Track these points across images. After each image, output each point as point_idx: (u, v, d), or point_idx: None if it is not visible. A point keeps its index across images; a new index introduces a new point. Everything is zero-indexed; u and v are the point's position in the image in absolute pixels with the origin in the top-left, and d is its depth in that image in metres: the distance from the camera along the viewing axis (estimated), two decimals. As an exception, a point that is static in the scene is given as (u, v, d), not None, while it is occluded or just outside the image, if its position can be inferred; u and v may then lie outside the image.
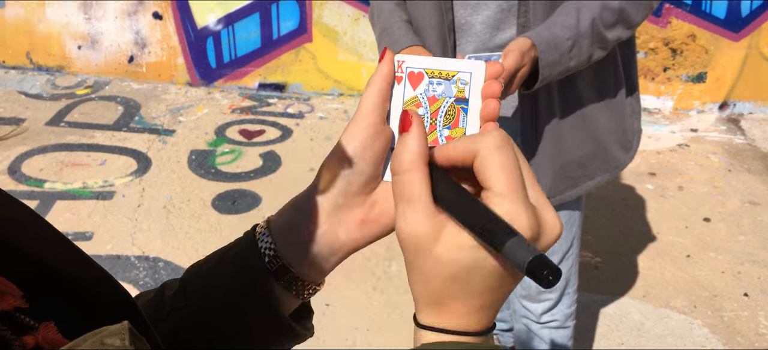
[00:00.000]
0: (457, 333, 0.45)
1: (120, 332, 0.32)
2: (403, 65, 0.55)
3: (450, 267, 0.43)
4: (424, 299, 0.46)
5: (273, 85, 4.30)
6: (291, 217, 0.55)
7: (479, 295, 0.44)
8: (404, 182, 0.46)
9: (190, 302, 0.55)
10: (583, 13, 1.24)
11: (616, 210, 2.96)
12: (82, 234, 2.80)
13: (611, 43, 1.29)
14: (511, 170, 0.43)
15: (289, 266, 0.54)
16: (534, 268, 0.38)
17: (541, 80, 1.22)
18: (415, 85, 0.55)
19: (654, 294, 2.46)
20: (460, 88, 0.54)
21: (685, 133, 3.72)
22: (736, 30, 3.79)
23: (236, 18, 4.17)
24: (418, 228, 0.44)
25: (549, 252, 1.54)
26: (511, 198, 0.42)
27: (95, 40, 4.36)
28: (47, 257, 0.39)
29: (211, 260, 0.57)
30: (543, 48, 1.19)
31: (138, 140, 3.64)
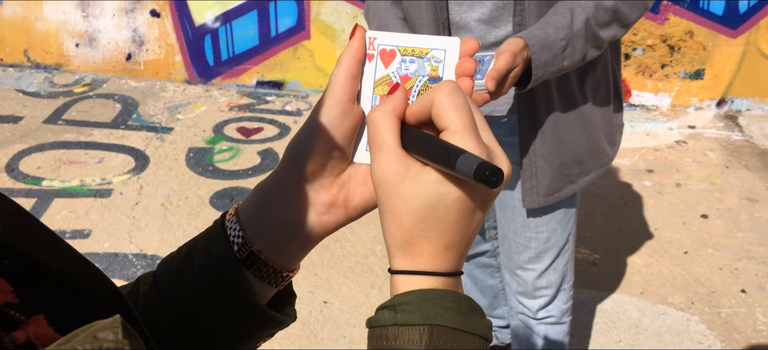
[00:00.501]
0: (426, 273, 0.46)
1: (112, 326, 0.32)
2: (375, 42, 0.53)
3: (415, 202, 0.45)
4: (395, 241, 0.47)
5: (271, 83, 4.29)
6: (257, 203, 0.54)
7: (445, 231, 0.46)
8: (376, 129, 0.48)
9: (164, 297, 0.54)
10: (577, 13, 1.24)
11: (613, 208, 2.97)
12: (80, 232, 2.80)
13: (606, 41, 1.29)
14: (463, 111, 0.46)
15: (258, 253, 0.53)
16: (481, 173, 0.41)
17: (535, 80, 1.22)
18: (387, 63, 0.53)
19: (652, 290, 2.46)
20: (433, 66, 0.52)
21: (682, 129, 3.72)
22: (734, 27, 3.79)
23: (234, 16, 4.17)
24: (386, 168, 0.46)
25: (544, 251, 1.55)
26: (464, 134, 0.45)
27: (93, 37, 4.36)
28: (36, 252, 0.39)
29: (182, 252, 0.56)
30: (536, 48, 1.19)
31: (136, 138, 3.63)
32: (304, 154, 0.52)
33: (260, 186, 0.54)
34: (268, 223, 0.53)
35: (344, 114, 0.52)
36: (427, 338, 0.44)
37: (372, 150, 0.48)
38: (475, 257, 1.87)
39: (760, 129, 3.72)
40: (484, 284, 1.92)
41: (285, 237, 0.53)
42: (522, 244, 1.55)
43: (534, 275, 1.58)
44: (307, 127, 0.52)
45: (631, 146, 3.49)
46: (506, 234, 1.59)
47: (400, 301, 0.45)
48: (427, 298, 0.45)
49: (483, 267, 1.90)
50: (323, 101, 0.52)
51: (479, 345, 0.45)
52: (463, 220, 0.46)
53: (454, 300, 0.45)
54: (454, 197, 0.45)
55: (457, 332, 0.44)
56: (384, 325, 0.45)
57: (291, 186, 0.53)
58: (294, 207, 0.53)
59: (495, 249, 1.87)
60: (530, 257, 1.56)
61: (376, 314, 0.47)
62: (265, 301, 0.56)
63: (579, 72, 1.37)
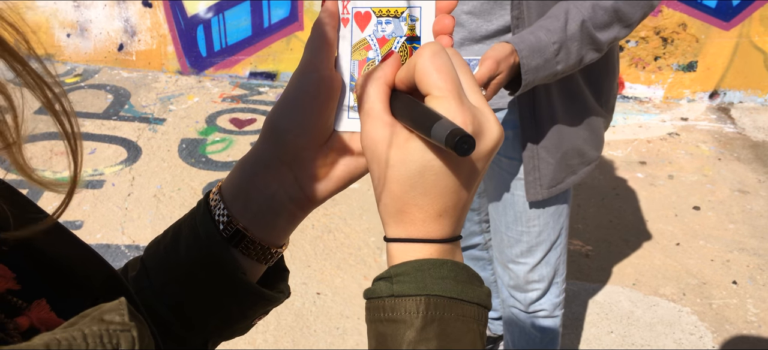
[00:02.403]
0: (420, 241, 0.45)
1: (118, 308, 0.32)
2: (349, 5, 0.51)
3: (403, 169, 0.44)
4: (387, 209, 0.46)
5: (264, 74, 4.28)
6: (239, 180, 0.53)
7: (435, 198, 0.45)
8: (365, 96, 0.47)
9: (154, 282, 0.53)
10: (572, 15, 1.21)
11: (606, 199, 2.98)
12: (72, 224, 2.78)
13: (606, 43, 1.26)
14: (446, 73, 0.44)
15: (244, 231, 0.52)
16: (450, 140, 0.40)
17: (525, 85, 1.20)
18: (362, 26, 0.51)
19: (643, 282, 2.47)
20: (410, 25, 0.51)
21: (675, 121, 3.73)
22: (727, 19, 3.80)
23: (227, 6, 4.14)
24: (374, 135, 0.45)
25: (536, 245, 1.55)
26: (446, 97, 0.43)
27: (84, 28, 4.32)
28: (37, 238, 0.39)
29: (168, 236, 0.55)
30: (526, 53, 1.17)
31: (128, 129, 3.61)
32: (283, 126, 0.51)
33: (242, 162, 0.53)
34: (252, 200, 0.52)
35: (322, 82, 0.50)
36: (424, 308, 0.43)
37: (361, 117, 0.47)
38: (467, 249, 1.88)
39: (752, 121, 3.73)
40: (477, 276, 1.92)
41: (270, 212, 0.52)
42: (514, 238, 1.56)
43: (526, 269, 1.58)
44: (284, 98, 0.51)
45: (623, 138, 3.50)
46: (498, 227, 1.59)
47: (396, 272, 0.45)
48: (422, 268, 0.44)
49: (474, 259, 1.90)
50: (300, 71, 0.51)
51: (477, 314, 0.44)
52: (454, 185, 0.45)
53: (451, 269, 0.45)
54: (441, 163, 0.44)
55: (454, 301, 0.44)
56: (380, 296, 0.45)
57: (272, 161, 0.51)
58: (277, 181, 0.52)
59: (486, 242, 1.87)
60: (522, 251, 1.56)
61: (372, 285, 0.46)
62: (256, 279, 0.55)
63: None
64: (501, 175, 1.51)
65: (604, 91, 1.45)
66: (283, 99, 0.51)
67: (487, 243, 1.87)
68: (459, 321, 0.43)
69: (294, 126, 0.50)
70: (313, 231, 2.74)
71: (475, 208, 1.77)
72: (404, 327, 0.43)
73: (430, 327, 0.43)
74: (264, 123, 0.52)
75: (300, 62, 0.51)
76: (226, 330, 0.55)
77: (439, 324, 0.43)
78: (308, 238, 2.69)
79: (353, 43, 0.52)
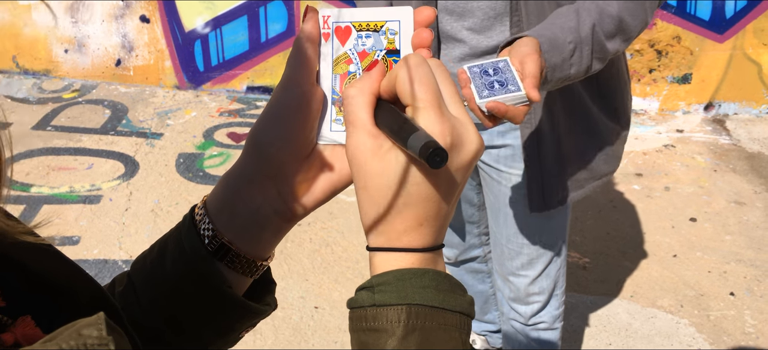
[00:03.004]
0: (401, 250, 0.46)
1: (96, 323, 0.32)
2: (329, 20, 0.52)
3: (385, 178, 0.45)
4: (369, 218, 0.47)
5: (261, 88, 4.29)
6: (224, 194, 0.53)
7: (417, 208, 0.45)
8: (350, 106, 0.47)
9: (140, 297, 0.53)
10: (583, 17, 1.16)
11: (603, 211, 2.98)
12: (69, 239, 2.78)
13: (610, 54, 1.22)
14: (426, 85, 0.44)
15: (229, 245, 0.52)
16: (424, 152, 0.41)
17: (548, 85, 1.13)
18: (343, 40, 0.52)
19: (641, 294, 2.48)
20: (390, 38, 0.51)
21: (671, 133, 3.75)
22: (721, 31, 3.83)
23: (224, 21, 4.16)
24: (358, 145, 0.46)
25: (537, 257, 1.55)
26: (427, 109, 0.44)
27: (82, 43, 4.34)
28: (18, 254, 0.39)
29: (154, 251, 0.55)
30: (546, 47, 1.08)
31: (125, 144, 3.62)
32: (265, 140, 0.51)
33: (226, 176, 0.53)
34: (237, 214, 0.52)
35: (303, 97, 0.51)
36: (405, 317, 0.43)
37: (346, 127, 0.47)
38: (466, 262, 1.88)
39: (747, 133, 3.75)
40: (475, 289, 1.93)
41: (255, 226, 0.53)
42: (514, 250, 1.56)
43: (526, 281, 1.58)
44: (267, 113, 0.52)
45: (620, 150, 3.51)
46: (498, 240, 1.59)
47: (377, 282, 0.45)
48: (404, 277, 0.45)
49: (473, 272, 1.91)
50: (282, 85, 0.51)
51: (460, 322, 0.44)
52: (434, 196, 0.45)
53: (433, 278, 0.45)
54: (420, 174, 0.44)
55: (435, 310, 0.44)
56: (362, 306, 0.45)
57: (255, 175, 0.52)
58: (261, 195, 0.52)
59: (486, 255, 1.87)
60: (523, 263, 1.57)
61: (355, 295, 0.46)
62: (242, 291, 0.55)
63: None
64: (501, 187, 1.52)
65: (615, 103, 1.42)
66: (265, 113, 0.52)
67: (487, 256, 1.87)
68: (441, 330, 0.44)
69: (277, 140, 0.51)
70: (311, 245, 2.74)
71: (474, 221, 1.77)
72: (386, 336, 0.43)
73: (412, 336, 0.43)
74: (247, 137, 0.52)
75: (282, 77, 0.52)
76: (213, 342, 0.56)
77: (420, 333, 0.43)
78: (306, 252, 2.69)
79: (334, 57, 0.53)
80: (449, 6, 1.32)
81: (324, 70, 0.53)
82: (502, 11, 1.31)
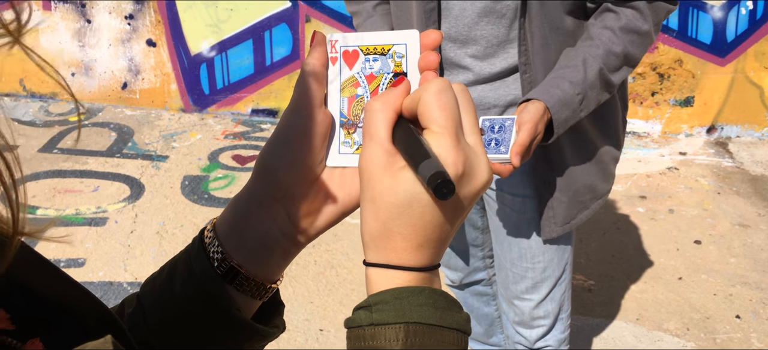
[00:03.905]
0: (400, 268, 0.46)
1: (104, 345, 0.32)
2: (337, 45, 0.53)
3: (393, 196, 0.45)
4: (371, 232, 0.47)
5: (266, 111, 4.32)
6: (233, 217, 0.53)
7: (421, 229, 0.45)
8: (370, 120, 0.47)
9: (149, 319, 0.53)
10: (590, 64, 1.25)
11: (608, 234, 2.98)
12: (74, 261, 2.78)
13: (617, 85, 1.31)
14: (447, 111, 0.45)
15: (238, 268, 0.52)
16: (432, 181, 0.41)
17: (555, 137, 1.25)
18: (351, 64, 0.53)
19: (647, 316, 2.47)
20: (396, 61, 0.52)
21: (674, 156, 3.76)
22: (722, 55, 3.86)
23: (229, 44, 4.21)
24: (372, 159, 0.46)
25: (541, 281, 1.55)
26: (442, 135, 0.44)
27: (89, 67, 4.38)
28: (26, 276, 0.39)
29: (163, 273, 0.55)
30: (556, 108, 1.21)
31: (131, 166, 3.64)
32: (275, 164, 0.52)
33: (235, 199, 0.54)
34: (246, 237, 0.52)
35: (312, 120, 0.51)
36: (403, 336, 0.43)
37: (364, 138, 0.48)
38: (471, 285, 1.88)
39: (750, 155, 3.76)
40: (480, 312, 1.93)
41: (264, 249, 0.53)
42: (519, 274, 1.56)
43: (531, 305, 1.59)
44: (276, 136, 0.52)
45: (623, 173, 3.52)
46: (503, 263, 1.59)
47: (375, 300, 0.45)
48: (401, 296, 0.45)
49: (478, 295, 1.91)
50: (291, 108, 0.52)
51: (456, 339, 0.45)
52: (439, 220, 0.46)
53: (430, 296, 0.45)
54: (429, 197, 0.45)
55: (433, 328, 0.44)
56: (360, 325, 0.45)
57: (265, 199, 0.52)
58: (270, 218, 0.52)
59: (490, 278, 1.87)
60: (527, 287, 1.57)
61: (352, 315, 0.47)
62: (251, 314, 0.55)
63: None
64: (506, 211, 1.53)
65: (611, 125, 1.47)
66: (274, 137, 0.52)
67: (491, 279, 1.87)
68: (438, 347, 0.44)
69: (285, 163, 0.51)
70: (316, 267, 2.74)
71: (478, 244, 1.78)
72: None
73: None
74: (256, 161, 0.53)
75: (290, 100, 0.52)
76: None
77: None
78: (311, 274, 2.69)
79: (342, 81, 0.53)
80: (452, 33, 1.35)
81: (332, 93, 0.53)
82: (505, 39, 1.33)
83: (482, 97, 1.39)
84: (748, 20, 3.79)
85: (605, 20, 1.30)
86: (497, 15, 1.31)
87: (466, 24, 1.33)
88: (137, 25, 4.24)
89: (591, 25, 1.32)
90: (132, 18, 4.23)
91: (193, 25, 4.18)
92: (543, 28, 1.28)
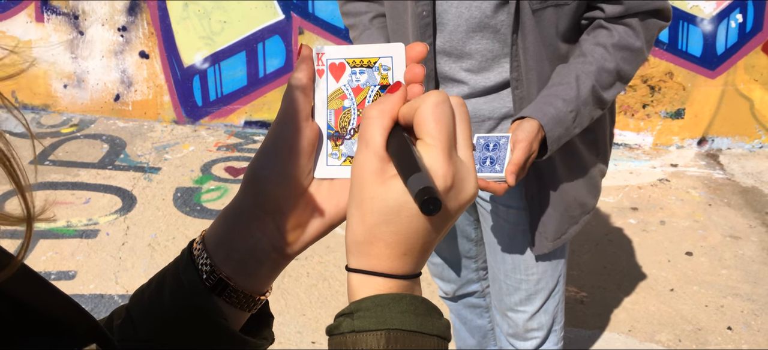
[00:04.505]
0: (382, 275, 0.46)
1: None
2: (324, 57, 0.54)
3: (381, 203, 0.45)
4: (355, 237, 0.47)
5: (259, 123, 4.32)
6: (222, 229, 0.54)
7: (406, 238, 0.46)
8: (366, 126, 0.48)
9: (138, 331, 0.54)
10: (583, 81, 1.26)
11: (599, 245, 2.99)
12: (65, 274, 2.77)
13: (610, 101, 1.33)
14: (443, 125, 0.46)
15: (227, 280, 0.52)
16: (419, 196, 0.41)
17: (549, 154, 1.26)
18: (337, 76, 0.54)
19: (639, 328, 2.47)
20: (383, 74, 0.53)
21: (665, 168, 3.78)
22: (712, 67, 3.89)
23: (223, 56, 4.21)
24: (365, 164, 0.46)
25: (535, 293, 1.56)
26: (434, 148, 0.45)
27: (81, 78, 4.37)
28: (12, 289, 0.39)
29: (152, 285, 0.55)
30: (550, 126, 1.23)
31: (123, 178, 3.62)
32: (263, 176, 0.52)
33: (225, 212, 0.54)
34: (235, 249, 0.53)
35: (299, 132, 0.52)
36: (385, 342, 0.44)
37: (359, 143, 0.48)
38: (464, 297, 1.88)
39: (740, 167, 3.79)
40: (473, 324, 1.93)
41: (253, 261, 0.53)
42: (513, 286, 1.57)
43: (525, 317, 1.59)
44: (264, 149, 0.52)
45: (615, 184, 3.54)
46: (497, 275, 1.60)
47: (356, 307, 0.46)
48: (382, 303, 0.45)
49: (471, 307, 1.91)
50: (278, 121, 0.52)
51: (437, 345, 0.45)
52: (424, 230, 0.46)
53: (410, 303, 0.46)
54: (417, 207, 0.45)
55: (414, 334, 0.45)
56: (343, 332, 0.45)
57: (254, 211, 0.53)
58: (259, 231, 0.53)
59: (484, 290, 1.88)
60: (521, 299, 1.57)
61: (334, 321, 0.47)
62: (240, 326, 0.55)
63: None
64: (500, 223, 1.53)
65: (600, 140, 1.48)
66: (262, 150, 0.53)
67: (485, 291, 1.87)
68: None
69: (274, 175, 0.52)
70: (308, 279, 2.73)
71: (472, 256, 1.78)
72: None
73: None
74: (245, 173, 0.53)
75: (278, 113, 0.53)
76: None
77: None
78: (303, 287, 2.68)
79: (329, 93, 0.54)
80: (447, 48, 1.35)
81: (319, 105, 0.54)
82: (500, 53, 1.34)
83: (477, 110, 1.40)
84: (737, 33, 3.83)
85: (598, 37, 1.30)
86: (492, 30, 1.31)
87: (460, 39, 1.33)
88: (130, 37, 4.24)
89: (583, 41, 1.33)
90: (125, 30, 4.23)
91: (186, 37, 4.19)
92: (537, 43, 1.29)
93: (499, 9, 1.28)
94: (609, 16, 1.29)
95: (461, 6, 1.30)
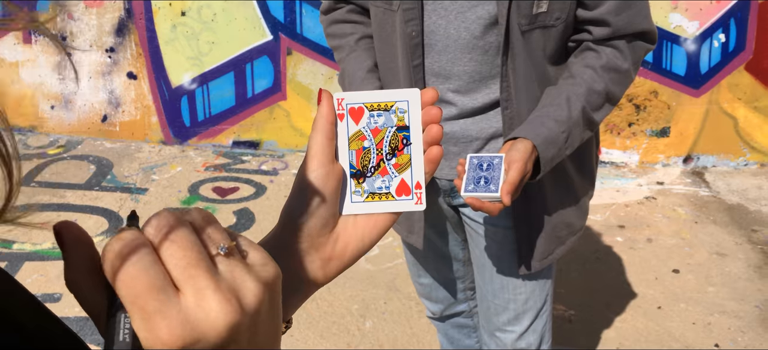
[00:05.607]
0: None
1: None
2: (343, 102, 0.58)
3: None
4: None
5: (247, 143, 4.31)
6: None
7: None
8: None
9: None
10: (573, 103, 1.27)
11: (587, 263, 3.00)
12: (50, 296, 2.74)
13: (599, 123, 1.34)
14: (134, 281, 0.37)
15: None
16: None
17: (542, 175, 1.27)
18: (357, 119, 0.58)
19: (627, 346, 2.48)
20: (399, 116, 0.57)
21: (651, 186, 3.81)
22: (696, 86, 3.94)
23: (211, 77, 4.21)
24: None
25: (523, 313, 1.56)
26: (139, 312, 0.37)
27: (68, 100, 4.36)
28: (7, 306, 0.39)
29: None
30: (543, 147, 1.23)
31: (110, 199, 3.60)
32: (300, 212, 0.56)
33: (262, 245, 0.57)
34: None
35: (328, 174, 0.56)
36: None
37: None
38: (452, 317, 1.88)
39: (726, 185, 3.82)
40: (461, 344, 1.92)
41: (288, 291, 0.56)
42: (501, 306, 1.57)
43: (513, 337, 1.59)
44: (298, 188, 0.57)
45: (601, 202, 3.56)
46: (485, 295, 1.60)
47: None
48: None
49: (459, 327, 1.90)
50: (307, 164, 0.56)
51: None
52: None
53: None
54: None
55: None
56: None
57: (291, 244, 0.56)
58: (295, 263, 0.57)
59: (471, 309, 1.87)
60: (509, 319, 1.57)
61: None
62: None
63: None
64: (487, 243, 1.53)
65: (586, 162, 1.49)
66: (296, 189, 0.57)
67: (472, 311, 1.87)
68: None
69: (309, 213, 0.56)
70: (297, 300, 2.72)
71: (460, 276, 1.78)
72: None
73: None
74: (282, 209, 0.58)
75: (305, 155, 0.57)
76: None
77: None
78: (292, 308, 2.67)
79: (350, 135, 0.58)
80: (436, 68, 1.36)
81: (341, 146, 0.58)
82: (488, 75, 1.35)
83: (465, 131, 1.41)
84: (720, 53, 3.88)
85: (586, 59, 1.32)
86: (480, 51, 1.32)
87: (449, 59, 1.34)
88: (118, 57, 4.24)
89: (572, 63, 1.34)
90: (113, 51, 4.23)
91: (174, 58, 4.19)
92: (526, 64, 1.31)
93: (488, 30, 1.30)
94: (596, 39, 1.31)
95: (450, 27, 1.31)
